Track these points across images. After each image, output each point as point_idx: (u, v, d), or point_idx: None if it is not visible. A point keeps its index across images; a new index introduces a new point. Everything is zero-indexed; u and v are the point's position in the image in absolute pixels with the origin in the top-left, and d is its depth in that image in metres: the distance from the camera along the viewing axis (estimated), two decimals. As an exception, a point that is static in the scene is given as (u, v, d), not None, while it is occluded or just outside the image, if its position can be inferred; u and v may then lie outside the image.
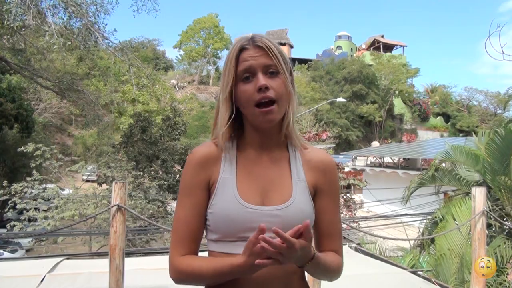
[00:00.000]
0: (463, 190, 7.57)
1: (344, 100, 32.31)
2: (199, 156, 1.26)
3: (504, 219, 6.40)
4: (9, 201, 10.87)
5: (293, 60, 52.71)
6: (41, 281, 3.59)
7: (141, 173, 14.49)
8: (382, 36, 62.90)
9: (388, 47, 62.45)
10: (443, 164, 8.77)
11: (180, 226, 1.23)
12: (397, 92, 53.23)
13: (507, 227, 6.01)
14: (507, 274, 4.85)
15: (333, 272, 1.25)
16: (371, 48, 61.40)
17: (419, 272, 4.56)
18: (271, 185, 1.25)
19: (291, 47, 59.58)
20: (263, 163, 1.27)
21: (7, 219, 12.94)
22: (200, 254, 1.26)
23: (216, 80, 50.91)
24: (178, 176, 15.49)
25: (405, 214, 9.73)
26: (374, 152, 28.70)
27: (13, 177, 14.95)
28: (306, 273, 1.27)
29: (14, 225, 10.77)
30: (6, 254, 12.94)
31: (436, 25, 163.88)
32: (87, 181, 19.69)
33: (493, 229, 6.33)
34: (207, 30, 51.84)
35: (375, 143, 41.49)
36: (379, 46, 61.38)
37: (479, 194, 3.71)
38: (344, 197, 15.63)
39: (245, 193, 1.21)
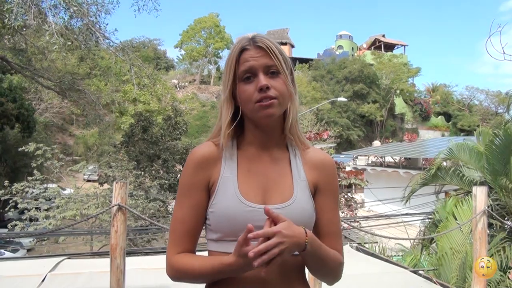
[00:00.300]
0: (464, 189, 7.56)
1: (345, 99, 32.33)
2: (199, 156, 1.26)
3: (506, 218, 6.39)
4: (10, 201, 10.88)
5: (294, 59, 52.67)
6: (42, 280, 3.60)
7: (142, 172, 14.52)
8: (383, 36, 62.89)
9: (389, 47, 62.44)
10: (444, 163, 8.75)
11: (178, 226, 1.25)
12: (398, 91, 53.28)
13: (508, 227, 6.00)
14: (509, 273, 4.85)
15: (334, 268, 1.25)
16: (372, 47, 61.41)
17: (420, 272, 4.55)
18: (271, 184, 1.25)
19: (292, 46, 59.65)
20: (264, 162, 1.28)
21: (8, 219, 12.96)
22: (200, 254, 1.26)
23: (217, 79, 50.95)
24: (179, 175, 15.49)
25: (406, 214, 9.72)
26: (375, 152, 28.68)
27: (14, 177, 14.96)
28: (307, 273, 1.28)
29: (16, 225, 10.78)
30: (8, 254, 12.97)
31: (437, 24, 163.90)
32: (88, 180, 19.69)
33: (494, 228, 6.31)
34: (208, 29, 51.93)
35: (376, 143, 41.48)
36: (380, 46, 61.40)
37: (480, 193, 3.70)
38: (345, 196, 15.60)
39: (246, 192, 1.22)
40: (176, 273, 1.22)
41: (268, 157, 1.29)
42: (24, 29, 12.33)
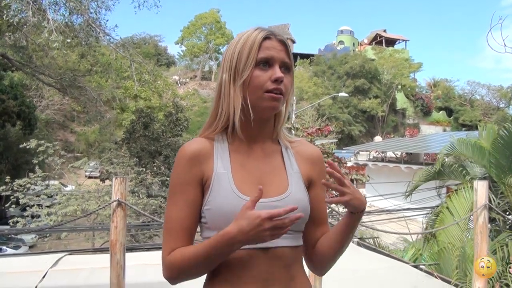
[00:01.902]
0: (466, 184, 7.52)
1: (346, 95, 32.21)
2: (190, 153, 1.23)
3: (507, 213, 6.37)
4: (11, 197, 10.92)
5: (295, 55, 52.58)
6: (43, 276, 3.60)
7: (144, 169, 14.55)
8: (384, 31, 62.71)
9: (391, 42, 62.27)
10: (446, 159, 8.72)
11: (173, 225, 1.21)
12: (399, 86, 53.14)
13: (509, 221, 5.99)
14: (510, 267, 4.84)
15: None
16: (374, 42, 61.26)
17: (421, 266, 4.55)
18: (266, 177, 1.25)
19: (293, 42, 59.44)
20: (256, 156, 1.28)
21: (11, 216, 12.99)
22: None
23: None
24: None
25: (408, 209, 9.72)
26: (377, 147, 28.65)
27: (16, 174, 14.99)
28: (307, 272, 1.29)
29: (17, 221, 10.80)
30: (9, 251, 13.00)
31: (438, 19, 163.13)
32: (90, 177, 19.74)
33: (496, 222, 6.29)
34: (208, 25, 51.90)
35: (378, 138, 41.38)
36: (381, 41, 61.22)
37: (481, 188, 3.67)
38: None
39: (242, 186, 1.20)
40: (172, 271, 1.18)
41: (260, 151, 1.29)
42: (25, 26, 12.33)
